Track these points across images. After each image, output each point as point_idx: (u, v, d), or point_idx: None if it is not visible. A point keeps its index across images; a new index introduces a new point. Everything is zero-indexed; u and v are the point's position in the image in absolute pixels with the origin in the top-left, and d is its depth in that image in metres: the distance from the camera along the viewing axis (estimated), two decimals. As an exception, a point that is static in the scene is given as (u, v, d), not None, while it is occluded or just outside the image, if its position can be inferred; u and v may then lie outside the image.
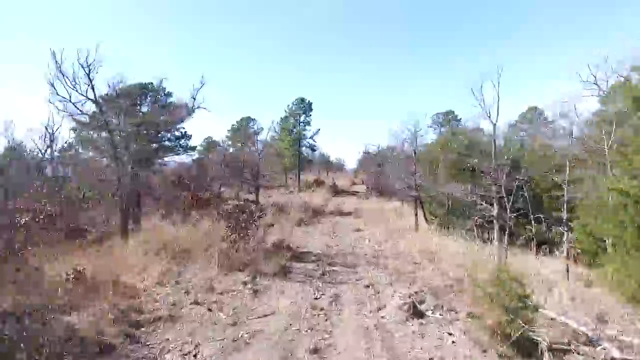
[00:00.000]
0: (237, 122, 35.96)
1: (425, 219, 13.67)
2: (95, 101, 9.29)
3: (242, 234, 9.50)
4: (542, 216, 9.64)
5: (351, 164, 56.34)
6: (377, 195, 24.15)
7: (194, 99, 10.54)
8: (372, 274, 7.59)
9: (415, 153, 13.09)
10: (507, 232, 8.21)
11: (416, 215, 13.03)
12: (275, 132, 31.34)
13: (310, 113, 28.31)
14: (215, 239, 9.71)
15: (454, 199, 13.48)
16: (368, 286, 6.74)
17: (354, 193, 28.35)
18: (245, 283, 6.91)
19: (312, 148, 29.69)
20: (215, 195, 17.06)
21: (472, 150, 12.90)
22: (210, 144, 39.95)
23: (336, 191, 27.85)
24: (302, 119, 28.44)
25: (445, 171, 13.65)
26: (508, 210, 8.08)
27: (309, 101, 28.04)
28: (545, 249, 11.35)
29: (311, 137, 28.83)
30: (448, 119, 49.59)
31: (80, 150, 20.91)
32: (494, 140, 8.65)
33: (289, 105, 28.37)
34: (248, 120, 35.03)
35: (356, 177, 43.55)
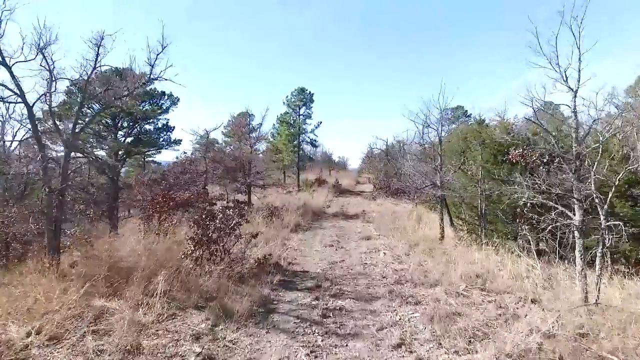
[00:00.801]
0: (233, 117, 33.44)
1: (452, 224, 10.93)
2: (3, 62, 6.64)
3: (211, 249, 6.85)
4: (620, 224, 6.86)
5: (354, 164, 53.85)
6: (385, 195, 21.45)
7: (152, 66, 7.85)
8: (400, 316, 4.88)
9: (440, 142, 10.37)
10: (601, 251, 5.49)
11: (442, 220, 10.31)
12: (274, 128, 28.76)
13: (312, 105, 25.65)
14: (180, 254, 7.06)
15: (490, 199, 10.74)
16: (400, 345, 4.03)
17: (359, 193, 25.67)
18: (196, 337, 4.23)
19: (313, 144, 27.03)
20: (198, 195, 14.40)
21: (517, 138, 10.18)
22: (208, 142, 37.48)
23: (340, 191, 25.18)
24: (302, 111, 25.76)
25: (476, 165, 10.91)
26: (603, 218, 5.36)
27: (309, 92, 25.40)
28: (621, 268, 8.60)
29: (312, 132, 26.17)
30: (457, 114, 46.96)
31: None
32: (575, 115, 5.92)
33: (287, 97, 25.73)
34: (246, 115, 32.47)
35: (360, 177, 40.94)
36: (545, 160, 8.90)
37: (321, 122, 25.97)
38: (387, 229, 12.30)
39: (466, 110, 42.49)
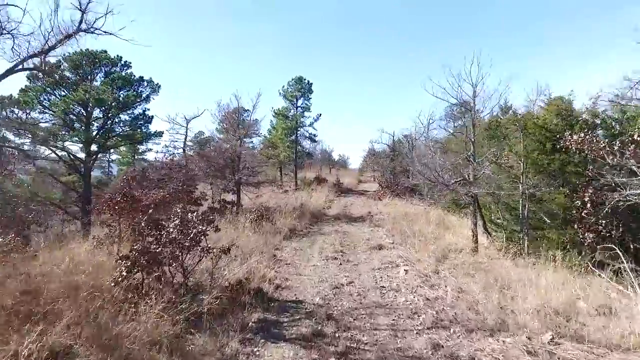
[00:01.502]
0: (227, 112, 31.18)
1: (487, 230, 8.71)
2: None
3: (157, 273, 4.63)
4: None
5: (354, 163, 52.02)
6: (393, 194, 19.21)
7: (83, 11, 5.56)
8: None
9: (473, 125, 8.16)
10: None
11: (475, 225, 8.08)
12: (271, 124, 26.52)
13: (310, 96, 23.40)
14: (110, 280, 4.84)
15: (533, 198, 8.54)
16: None
17: (363, 192, 23.45)
18: None
19: (312, 138, 24.76)
20: (176, 195, 12.13)
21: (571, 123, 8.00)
22: (203, 140, 35.17)
23: (341, 190, 22.94)
24: (300, 103, 23.49)
25: (516, 156, 8.71)
26: None
27: (308, 81, 23.13)
28: None
29: (311, 125, 23.90)
30: (463, 110, 44.92)
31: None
32: None
33: (283, 86, 23.47)
34: (242, 111, 30.22)
35: (362, 175, 38.80)
36: (616, 148, 6.71)
37: (321, 115, 23.74)
38: (402, 235, 10.08)
39: (473, 106, 40.35)
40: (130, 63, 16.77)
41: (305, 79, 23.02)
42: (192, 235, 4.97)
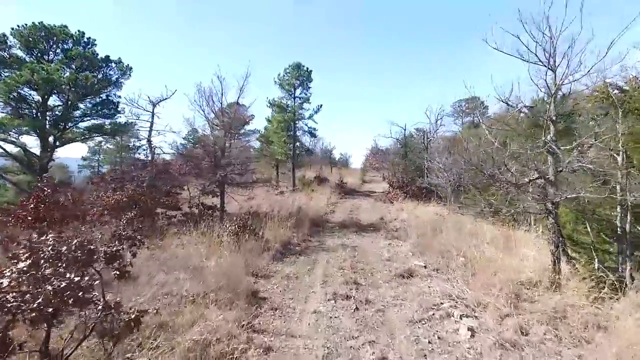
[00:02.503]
0: (209, 95, 28.37)
1: (566, 253, 5.98)
2: None
3: None
4: None
5: (356, 163, 49.42)
6: (405, 197, 16.49)
7: None
8: None
9: (555, 96, 5.47)
10: None
11: (555, 246, 5.38)
12: (267, 120, 23.76)
13: (310, 85, 20.67)
14: None
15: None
16: None
17: (369, 194, 20.76)
18: None
19: (312, 133, 22.02)
20: (133, 197, 9.40)
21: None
22: (197, 139, 32.45)
23: (345, 191, 20.24)
24: (298, 92, 20.76)
25: (609, 146, 6.02)
26: None
27: (307, 69, 20.40)
28: None
29: (310, 117, 21.14)
30: (473, 106, 42.22)
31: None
32: None
33: (279, 74, 20.71)
34: (240, 107, 27.44)
35: (365, 175, 36.14)
36: None
37: (322, 106, 20.97)
38: (435, 252, 7.41)
39: (483, 101, 37.88)
40: (95, 40, 14.07)
41: (304, 66, 20.31)
42: (52, 293, 2.27)
